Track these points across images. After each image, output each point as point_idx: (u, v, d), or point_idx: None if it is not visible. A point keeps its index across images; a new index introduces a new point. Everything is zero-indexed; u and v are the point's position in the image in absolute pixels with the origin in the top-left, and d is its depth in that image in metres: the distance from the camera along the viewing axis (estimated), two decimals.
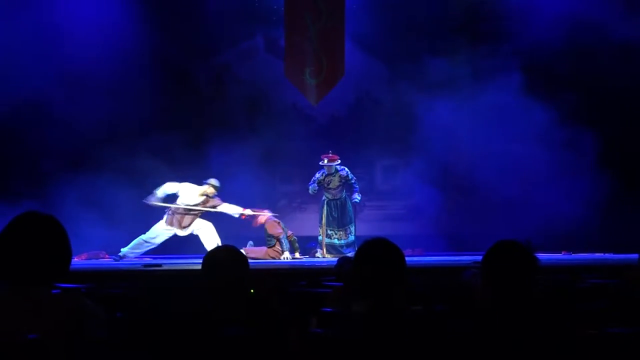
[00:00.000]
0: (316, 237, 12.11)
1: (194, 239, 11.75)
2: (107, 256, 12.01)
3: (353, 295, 3.37)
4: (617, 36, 12.28)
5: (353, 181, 11.99)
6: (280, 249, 11.57)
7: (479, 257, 3.28)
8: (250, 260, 3.54)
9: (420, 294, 3.70)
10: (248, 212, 11.64)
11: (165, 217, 11.48)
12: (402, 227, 13.67)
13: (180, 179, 12.15)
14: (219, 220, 11.81)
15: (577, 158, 12.77)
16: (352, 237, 11.91)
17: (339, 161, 11.94)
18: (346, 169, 11.98)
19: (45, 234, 2.82)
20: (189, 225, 11.46)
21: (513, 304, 3.10)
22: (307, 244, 12.53)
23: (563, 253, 12.11)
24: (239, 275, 3.36)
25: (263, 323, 3.15)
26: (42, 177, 12.10)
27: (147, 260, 11.24)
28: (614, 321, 3.63)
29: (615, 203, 12.56)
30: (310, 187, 12.03)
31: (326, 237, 11.89)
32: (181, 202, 11.45)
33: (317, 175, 11.97)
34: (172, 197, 11.56)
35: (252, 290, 3.48)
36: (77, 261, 10.98)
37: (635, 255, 4.83)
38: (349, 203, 11.98)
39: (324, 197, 12.05)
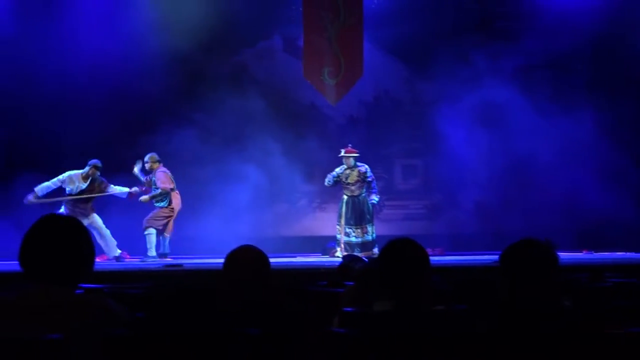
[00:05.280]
0: (335, 237, 12.10)
1: (213, 238, 11.78)
2: (128, 257, 12.06)
3: (374, 294, 3.37)
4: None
5: (370, 179, 11.94)
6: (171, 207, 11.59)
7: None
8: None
9: (443, 293, 3.69)
10: (135, 189, 11.64)
11: (62, 209, 11.36)
12: (422, 226, 13.66)
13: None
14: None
15: (600, 156, 12.74)
16: (368, 237, 11.83)
17: (358, 154, 11.89)
18: (366, 165, 11.96)
19: (68, 235, 2.85)
20: (89, 212, 11.40)
21: (533, 302, 3.09)
22: (326, 244, 12.52)
23: (584, 252, 12.04)
24: (260, 274, 3.37)
25: (282, 323, 3.16)
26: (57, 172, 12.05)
27: (168, 260, 11.28)
28: (636, 320, 3.60)
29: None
30: (327, 178, 11.98)
31: (344, 235, 11.87)
32: (70, 193, 11.37)
33: (337, 169, 11.95)
34: (59, 192, 11.51)
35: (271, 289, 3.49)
36: (99, 262, 11.03)
37: None
38: (368, 202, 11.95)
39: (343, 195, 12.03)
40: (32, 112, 12.68)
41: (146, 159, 11.64)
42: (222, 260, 3.53)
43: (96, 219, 11.44)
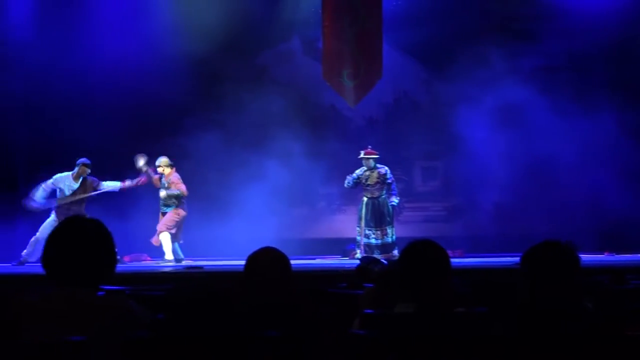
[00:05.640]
0: (355, 239, 12.08)
1: (233, 240, 11.80)
2: (149, 259, 12.11)
3: (395, 296, 3.37)
4: None
5: (390, 181, 11.92)
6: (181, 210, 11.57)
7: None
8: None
9: (462, 295, 3.69)
10: (127, 183, 11.47)
11: (52, 214, 11.29)
12: (442, 228, 13.62)
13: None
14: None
15: (622, 156, 12.68)
16: (388, 239, 11.81)
17: (377, 156, 11.87)
18: (386, 167, 11.94)
19: (91, 237, 2.87)
20: (83, 214, 11.21)
21: (554, 304, 3.08)
22: (346, 246, 12.52)
23: (606, 254, 11.96)
24: (281, 276, 3.38)
25: (302, 325, 3.16)
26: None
27: (189, 262, 11.31)
28: None
29: None
30: (346, 180, 11.94)
31: (364, 236, 11.85)
32: (62, 194, 11.29)
33: (357, 171, 11.93)
34: (52, 195, 11.41)
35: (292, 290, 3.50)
36: (120, 264, 11.04)
37: None
38: (388, 204, 11.92)
39: (363, 197, 12.00)
40: (52, 115, 12.76)
41: (158, 162, 11.61)
42: (242, 262, 3.55)
43: None
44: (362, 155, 11.84)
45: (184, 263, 11.26)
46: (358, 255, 11.75)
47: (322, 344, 3.02)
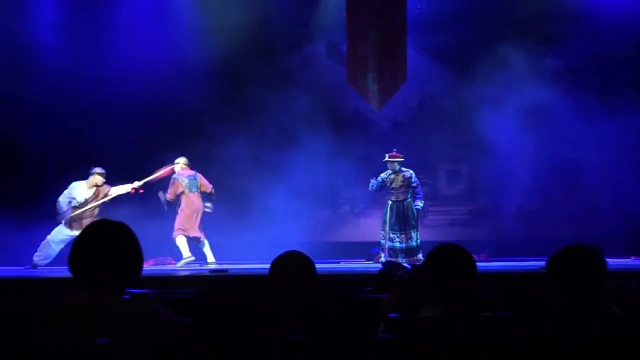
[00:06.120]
0: (379, 243, 12.06)
1: (259, 243, 11.82)
2: (174, 262, 12.15)
3: (421, 300, 3.36)
4: None
5: (415, 185, 11.89)
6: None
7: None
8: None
9: (488, 299, 3.67)
10: (137, 183, 11.49)
11: (63, 221, 11.31)
12: (466, 232, 13.57)
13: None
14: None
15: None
16: (412, 243, 11.76)
17: (402, 159, 11.85)
18: (411, 171, 11.91)
19: (117, 241, 2.89)
20: None
21: (581, 309, 3.06)
22: (371, 250, 12.50)
23: (633, 258, 11.87)
24: (306, 279, 3.38)
25: (326, 328, 3.17)
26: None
27: (212, 266, 11.33)
28: None
29: None
30: (370, 183, 11.91)
31: (388, 240, 11.82)
32: (76, 203, 11.28)
33: (382, 174, 11.91)
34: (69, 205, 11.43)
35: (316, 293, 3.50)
36: (145, 267, 11.04)
37: None
38: (412, 208, 11.89)
39: (388, 201, 11.98)
40: (76, 119, 12.83)
41: (176, 160, 11.73)
42: (267, 266, 3.55)
43: None
44: (387, 159, 11.83)
45: (208, 267, 11.28)
46: (382, 259, 11.72)
47: (347, 348, 3.02)
